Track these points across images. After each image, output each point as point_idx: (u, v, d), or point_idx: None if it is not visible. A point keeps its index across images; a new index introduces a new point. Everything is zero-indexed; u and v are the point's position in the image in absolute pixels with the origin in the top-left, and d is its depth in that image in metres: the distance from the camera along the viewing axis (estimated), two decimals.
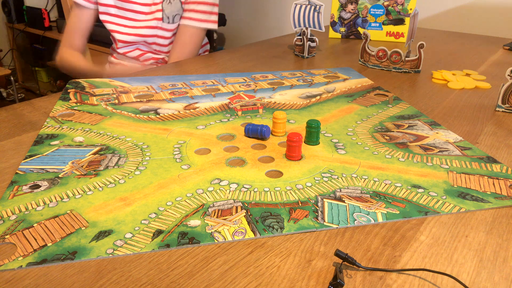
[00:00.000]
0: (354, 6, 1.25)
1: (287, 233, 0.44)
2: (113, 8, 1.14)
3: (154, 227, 0.44)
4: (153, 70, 0.98)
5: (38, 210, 0.46)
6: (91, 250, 0.41)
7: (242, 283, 0.37)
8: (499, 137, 0.66)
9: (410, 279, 0.38)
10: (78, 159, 0.57)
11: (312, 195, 0.50)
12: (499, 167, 0.57)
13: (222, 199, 0.49)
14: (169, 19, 1.12)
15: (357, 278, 0.38)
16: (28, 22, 2.84)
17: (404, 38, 1.26)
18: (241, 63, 1.02)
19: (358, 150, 0.61)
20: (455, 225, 0.46)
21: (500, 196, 0.50)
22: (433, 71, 0.96)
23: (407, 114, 0.73)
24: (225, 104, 0.76)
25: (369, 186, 0.52)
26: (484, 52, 1.16)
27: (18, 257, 0.40)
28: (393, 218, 0.46)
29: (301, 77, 0.92)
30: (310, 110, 0.74)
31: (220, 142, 0.62)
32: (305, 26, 1.07)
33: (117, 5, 1.14)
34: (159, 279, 0.38)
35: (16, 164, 0.56)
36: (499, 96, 0.75)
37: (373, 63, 1.00)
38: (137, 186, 0.51)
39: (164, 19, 1.12)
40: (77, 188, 0.50)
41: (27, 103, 0.76)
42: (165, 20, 1.12)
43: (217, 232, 0.43)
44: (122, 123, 0.68)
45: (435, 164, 0.57)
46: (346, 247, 0.42)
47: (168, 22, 1.12)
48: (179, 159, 0.57)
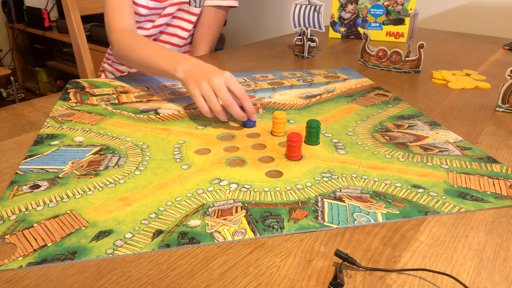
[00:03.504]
0: (354, 6, 1.25)
1: (287, 233, 0.44)
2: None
3: (154, 227, 0.44)
4: None
5: (38, 210, 0.46)
6: (91, 250, 0.41)
7: (242, 283, 0.37)
8: (499, 137, 0.66)
9: (410, 279, 0.38)
10: (78, 159, 0.57)
11: (312, 195, 0.50)
12: (499, 167, 0.57)
13: (222, 199, 0.49)
14: (196, 3, 1.12)
15: (357, 278, 0.38)
16: (28, 22, 2.83)
17: (404, 38, 1.26)
18: (241, 63, 1.02)
19: (358, 150, 0.61)
20: (455, 225, 0.46)
21: (500, 196, 0.50)
22: (433, 71, 0.96)
23: (407, 114, 0.73)
24: None
25: (369, 186, 0.52)
26: (484, 52, 1.16)
27: (18, 257, 0.40)
28: (393, 218, 0.46)
29: (301, 77, 0.92)
30: (310, 110, 0.74)
31: (220, 142, 0.62)
32: (305, 26, 1.07)
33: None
34: (159, 279, 0.38)
35: (16, 164, 0.56)
36: (499, 96, 0.75)
37: (373, 63, 1.00)
38: (137, 186, 0.51)
39: (191, 2, 1.12)
40: (77, 188, 0.50)
41: (27, 103, 0.76)
42: (192, 4, 1.12)
43: (217, 232, 0.43)
44: (122, 123, 0.68)
45: (435, 164, 0.57)
46: (346, 247, 0.42)
47: (195, 6, 1.12)
48: (179, 159, 0.57)
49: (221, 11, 1.16)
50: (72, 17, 1.22)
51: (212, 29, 1.16)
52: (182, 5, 1.12)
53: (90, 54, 1.28)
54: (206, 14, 1.15)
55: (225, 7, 1.16)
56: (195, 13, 1.14)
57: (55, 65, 2.90)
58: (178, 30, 1.16)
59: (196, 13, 1.14)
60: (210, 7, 1.14)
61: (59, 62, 2.90)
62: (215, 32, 1.17)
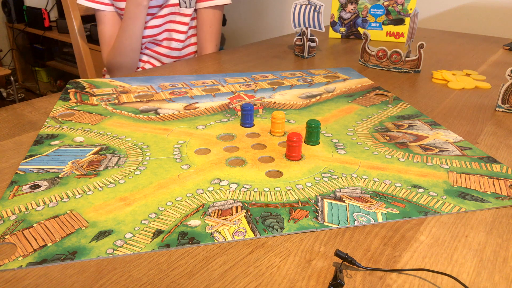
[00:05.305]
0: (354, 6, 1.25)
1: (287, 233, 0.44)
2: None
3: (154, 227, 0.44)
4: (153, 70, 0.98)
5: (38, 210, 0.46)
6: (91, 250, 0.41)
7: (242, 283, 0.37)
8: (499, 137, 0.66)
9: (410, 279, 0.38)
10: (78, 159, 0.57)
11: (312, 195, 0.50)
12: (499, 167, 0.57)
13: (222, 199, 0.49)
14: (186, 3, 1.14)
15: (357, 278, 0.38)
16: (28, 22, 2.84)
17: (404, 38, 1.26)
18: (241, 63, 1.02)
19: (358, 150, 0.61)
20: (455, 225, 0.46)
21: (500, 196, 0.50)
22: (433, 71, 0.96)
23: (407, 114, 0.73)
24: (225, 104, 0.76)
25: (369, 186, 0.52)
26: (484, 52, 1.16)
27: (18, 257, 0.40)
28: (393, 218, 0.46)
29: (301, 77, 0.92)
30: (310, 110, 0.74)
31: (220, 142, 0.62)
32: (305, 26, 1.07)
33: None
34: (159, 279, 0.38)
35: (16, 164, 0.56)
36: (499, 96, 0.75)
37: (373, 63, 1.00)
38: (137, 186, 0.51)
39: (181, 3, 1.14)
40: (77, 188, 0.50)
41: (27, 103, 0.76)
42: (182, 5, 1.14)
43: (217, 232, 0.43)
44: (122, 123, 0.68)
45: (435, 164, 0.57)
46: (346, 247, 0.42)
47: (185, 6, 1.15)
48: (179, 159, 0.57)
49: (218, 10, 1.20)
50: (72, 17, 1.22)
51: (214, 28, 1.20)
52: (172, 8, 1.14)
53: (90, 54, 1.28)
54: (205, 14, 1.18)
55: (221, 6, 1.21)
56: (188, 14, 1.16)
57: (55, 65, 2.90)
58: (174, 34, 1.18)
59: (188, 13, 1.17)
60: (208, 8, 1.18)
61: (59, 62, 2.90)
62: (218, 30, 1.21)
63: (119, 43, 1.09)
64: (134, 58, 1.14)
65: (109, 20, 1.12)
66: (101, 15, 1.11)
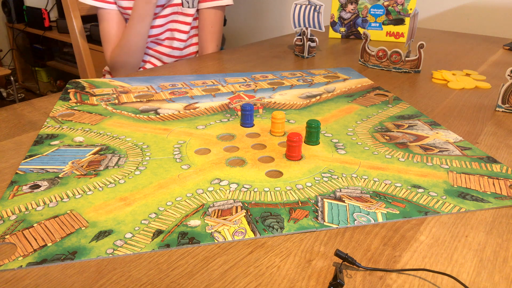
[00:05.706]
0: (354, 6, 1.25)
1: (287, 233, 0.44)
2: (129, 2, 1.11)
3: (154, 227, 0.44)
4: (153, 70, 0.98)
5: (38, 210, 0.46)
6: (91, 250, 0.41)
7: (242, 283, 0.37)
8: (499, 137, 0.66)
9: (410, 279, 0.38)
10: (78, 159, 0.57)
11: (312, 195, 0.50)
12: (499, 167, 0.57)
13: (222, 199, 0.49)
14: (189, 3, 1.15)
15: (357, 278, 0.38)
16: (28, 22, 2.84)
17: (404, 38, 1.26)
18: (241, 63, 1.02)
19: (358, 150, 0.61)
20: (455, 225, 0.46)
21: (500, 196, 0.50)
22: (433, 71, 0.96)
23: (407, 114, 0.73)
24: (225, 104, 0.76)
25: (369, 186, 0.52)
26: (484, 52, 1.16)
27: (18, 257, 0.40)
28: (393, 218, 0.46)
29: (301, 77, 0.92)
30: (310, 110, 0.74)
31: (220, 142, 0.62)
32: (305, 26, 1.07)
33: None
34: (159, 279, 0.38)
35: (16, 164, 0.56)
36: (499, 96, 0.75)
37: (373, 63, 1.00)
38: (137, 186, 0.51)
39: (183, 3, 1.14)
40: (77, 188, 0.50)
41: (27, 103, 0.76)
42: (185, 5, 1.14)
43: (217, 232, 0.43)
44: (122, 123, 0.68)
45: (435, 164, 0.57)
46: (346, 247, 0.42)
47: (188, 6, 1.15)
48: (179, 159, 0.57)
49: (220, 10, 1.21)
50: (72, 17, 1.22)
51: (215, 28, 1.20)
52: (175, 7, 1.14)
53: (90, 54, 1.28)
54: (207, 15, 1.19)
55: (223, 6, 1.21)
56: (190, 14, 1.17)
57: (55, 65, 2.90)
58: (176, 33, 1.18)
59: (191, 13, 1.17)
60: (210, 8, 1.18)
61: (59, 62, 2.90)
62: (219, 30, 1.22)
63: (126, 41, 1.09)
64: (139, 57, 1.14)
65: (112, 18, 1.12)
66: (104, 13, 1.11)
